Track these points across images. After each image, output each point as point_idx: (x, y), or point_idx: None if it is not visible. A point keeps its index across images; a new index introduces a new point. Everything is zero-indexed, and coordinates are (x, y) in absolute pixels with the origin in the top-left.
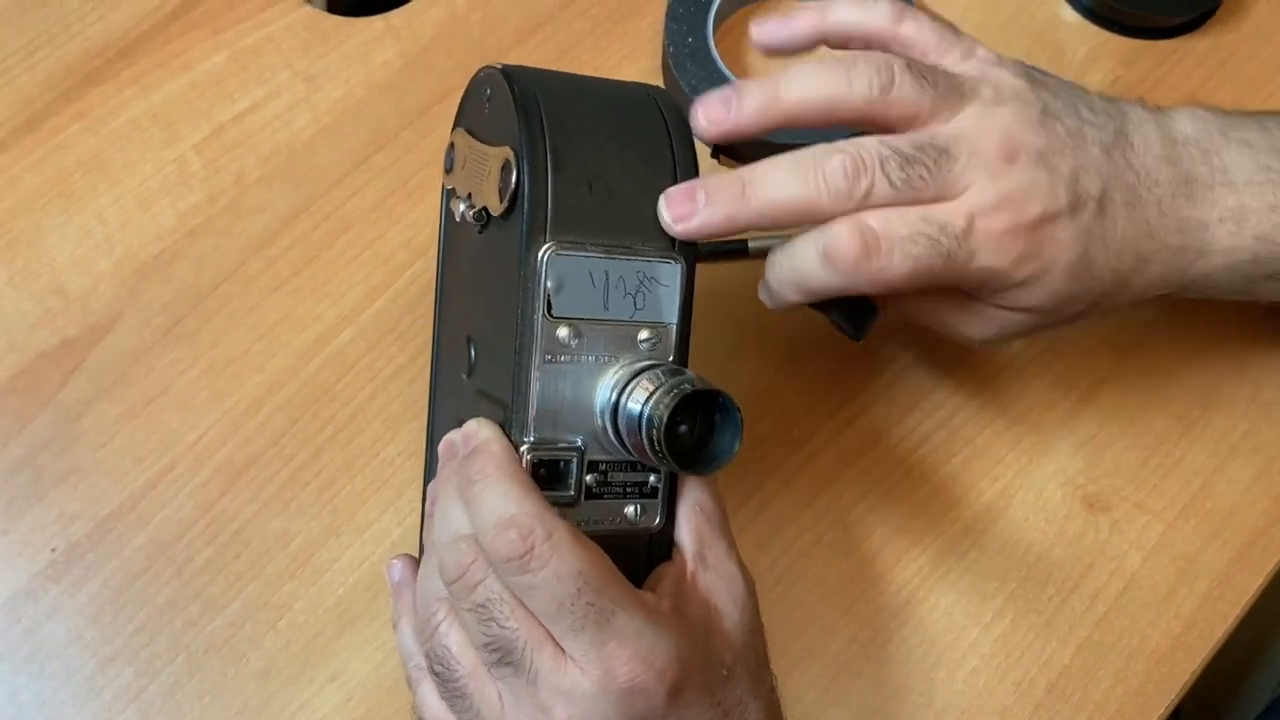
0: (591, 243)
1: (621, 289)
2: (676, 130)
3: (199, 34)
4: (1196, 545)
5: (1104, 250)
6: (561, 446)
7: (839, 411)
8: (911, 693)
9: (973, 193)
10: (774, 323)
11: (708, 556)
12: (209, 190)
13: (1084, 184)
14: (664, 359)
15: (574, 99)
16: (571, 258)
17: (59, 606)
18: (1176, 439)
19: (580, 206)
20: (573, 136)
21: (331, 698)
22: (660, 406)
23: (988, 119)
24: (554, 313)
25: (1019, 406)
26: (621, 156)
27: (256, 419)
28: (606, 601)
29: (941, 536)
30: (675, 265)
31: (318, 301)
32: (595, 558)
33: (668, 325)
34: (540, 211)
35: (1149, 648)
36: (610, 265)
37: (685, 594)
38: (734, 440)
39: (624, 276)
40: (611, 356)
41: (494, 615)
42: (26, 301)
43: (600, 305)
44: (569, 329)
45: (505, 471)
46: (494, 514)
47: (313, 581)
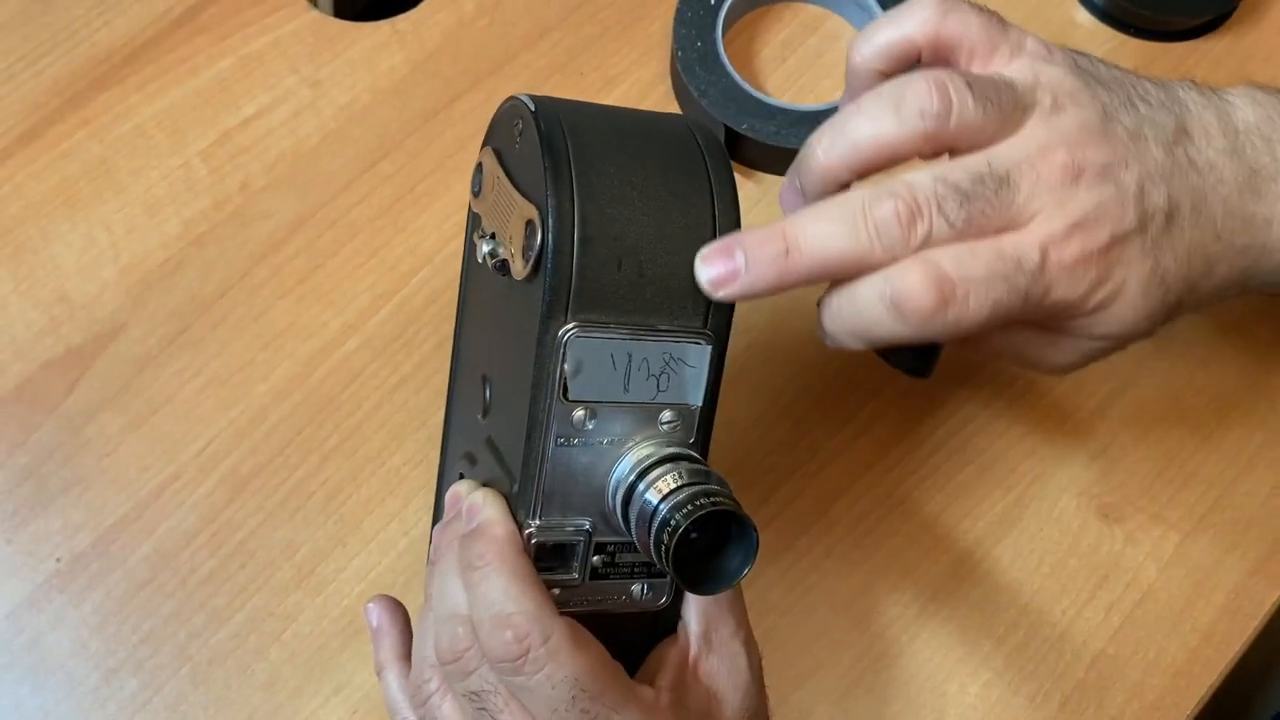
0: (616, 323)
1: (645, 370)
2: (720, 185)
3: (204, 40)
4: (1214, 557)
5: (1173, 260)
6: (568, 530)
7: (850, 421)
8: (924, 707)
9: (1040, 221)
10: (785, 332)
11: (713, 638)
12: (214, 197)
13: (1151, 196)
14: (685, 441)
15: (609, 149)
16: (592, 339)
17: (63, 617)
18: (1193, 450)
19: (607, 284)
20: (606, 204)
21: (336, 710)
22: (678, 516)
23: (1048, 133)
24: (570, 396)
25: (1033, 416)
26: (658, 226)
27: (262, 428)
28: (602, 707)
29: (955, 548)
30: (704, 347)
31: (323, 309)
32: (593, 661)
33: (692, 408)
34: (563, 289)
35: (1165, 661)
36: (634, 347)
37: (686, 682)
38: (744, 564)
39: (648, 358)
40: (628, 436)
41: (487, 706)
42: (32, 310)
43: (620, 387)
44: (585, 411)
45: (506, 562)
46: (491, 608)
47: (318, 592)
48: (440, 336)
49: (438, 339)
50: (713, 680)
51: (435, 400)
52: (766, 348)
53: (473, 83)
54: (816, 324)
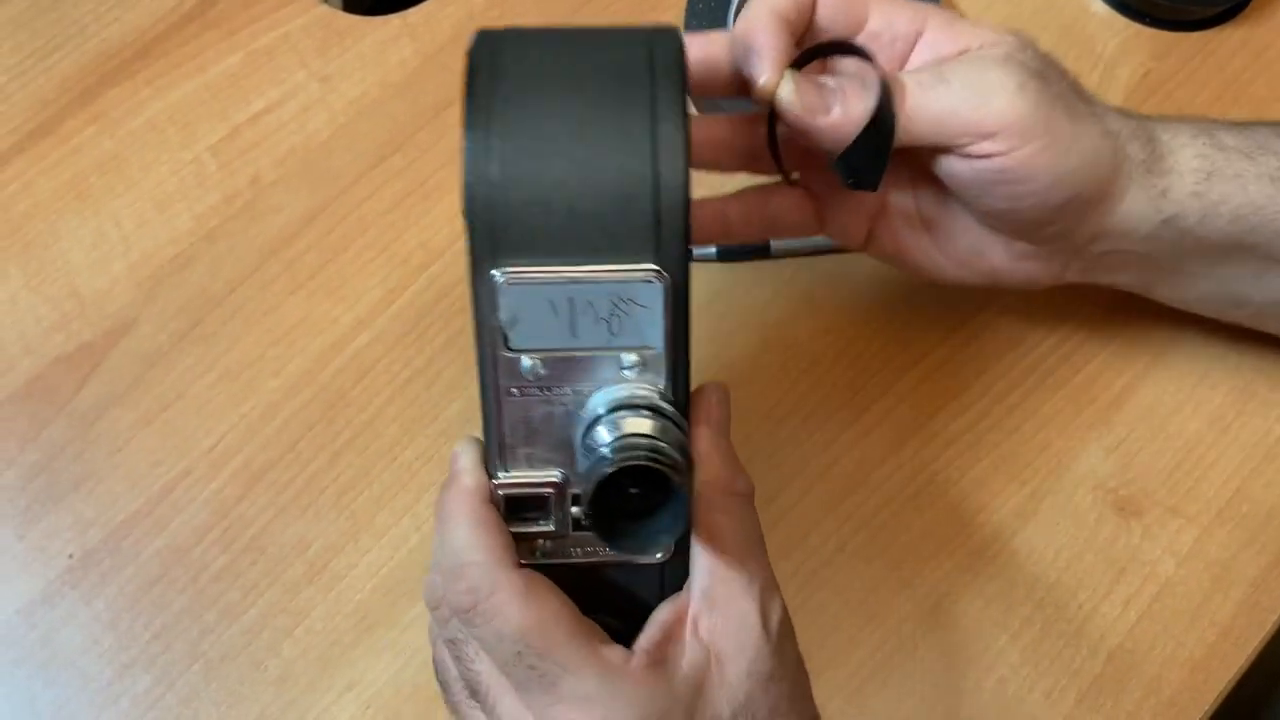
0: (550, 267)
1: (592, 314)
2: (663, 98)
3: (214, 35)
4: (1232, 551)
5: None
6: (536, 482)
7: (862, 415)
8: (938, 703)
9: None
10: (797, 326)
11: (717, 595)
12: (225, 192)
13: None
14: (654, 385)
15: (544, 80)
16: (526, 286)
17: (75, 613)
18: (1211, 442)
19: (536, 226)
20: (531, 140)
21: (349, 706)
22: (605, 464)
23: None
24: (512, 346)
25: (1047, 409)
26: (591, 159)
27: (273, 423)
28: (551, 665)
29: (968, 542)
30: (655, 285)
31: (334, 304)
32: (544, 617)
33: (654, 351)
34: (487, 234)
35: (1183, 656)
36: (575, 291)
37: (676, 642)
38: (672, 526)
39: (592, 301)
40: (593, 386)
41: (461, 655)
42: (42, 305)
43: (568, 334)
44: (534, 360)
45: (468, 511)
46: (451, 558)
47: (330, 587)
48: (452, 331)
49: (450, 333)
50: (715, 639)
51: (447, 394)
52: (779, 342)
53: None
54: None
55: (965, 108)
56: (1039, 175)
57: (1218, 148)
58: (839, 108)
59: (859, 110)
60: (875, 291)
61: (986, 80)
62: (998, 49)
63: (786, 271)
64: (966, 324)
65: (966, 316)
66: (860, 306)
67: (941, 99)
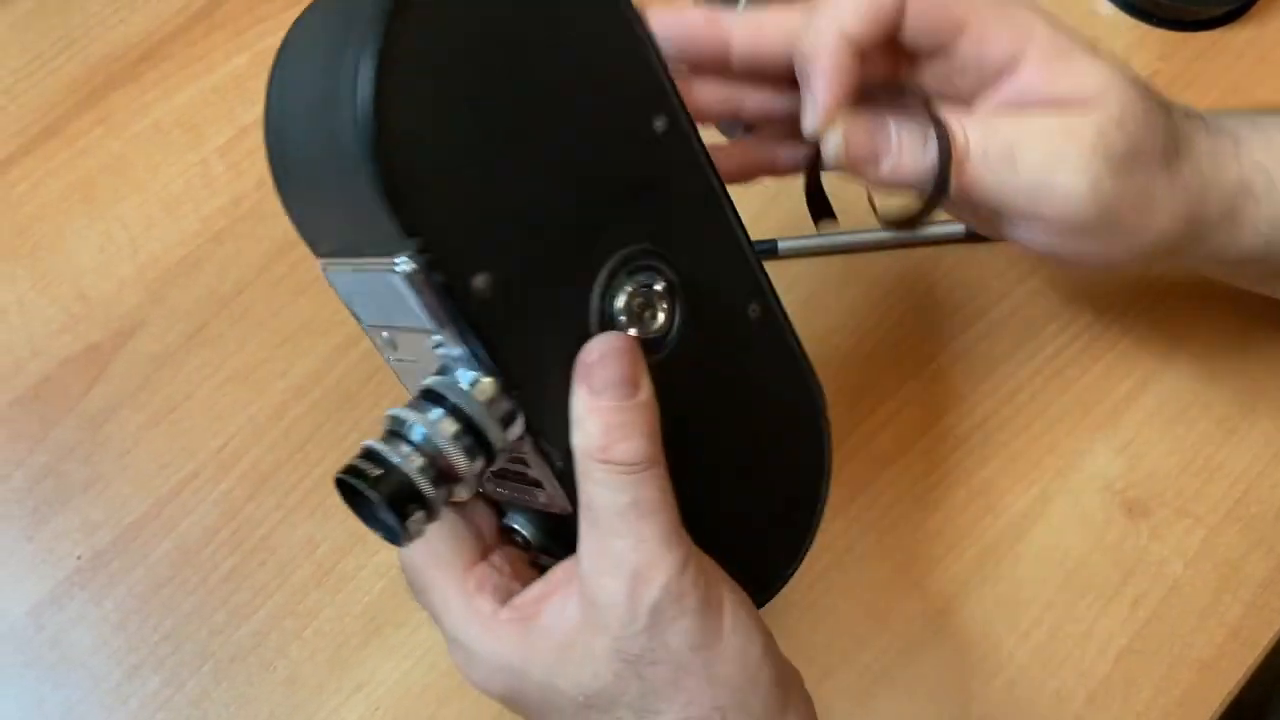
0: (335, 252)
1: (376, 302)
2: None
3: (220, 36)
4: (1240, 551)
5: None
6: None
7: (870, 417)
8: (947, 703)
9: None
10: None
11: (591, 567)
12: (232, 194)
13: None
14: (466, 365)
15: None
16: (336, 272)
17: (84, 614)
18: (1219, 443)
19: (307, 213)
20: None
21: (358, 707)
22: (349, 461)
23: None
24: (366, 322)
25: (1055, 410)
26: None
27: (281, 425)
28: (432, 600)
29: (977, 543)
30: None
31: (341, 306)
32: (433, 553)
33: (435, 332)
34: (293, 221)
35: (1192, 656)
36: (358, 277)
37: (552, 603)
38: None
39: (374, 291)
40: (423, 359)
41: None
42: (50, 307)
43: (381, 313)
44: (385, 334)
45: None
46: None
47: (339, 589)
48: None
49: None
50: (585, 610)
51: None
52: None
53: None
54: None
55: (1024, 199)
56: (1093, 261)
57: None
58: (889, 163)
59: (909, 172)
60: (883, 292)
61: (1058, 172)
62: (1089, 122)
63: (793, 272)
64: (974, 325)
65: (974, 318)
66: (868, 308)
67: (1004, 183)
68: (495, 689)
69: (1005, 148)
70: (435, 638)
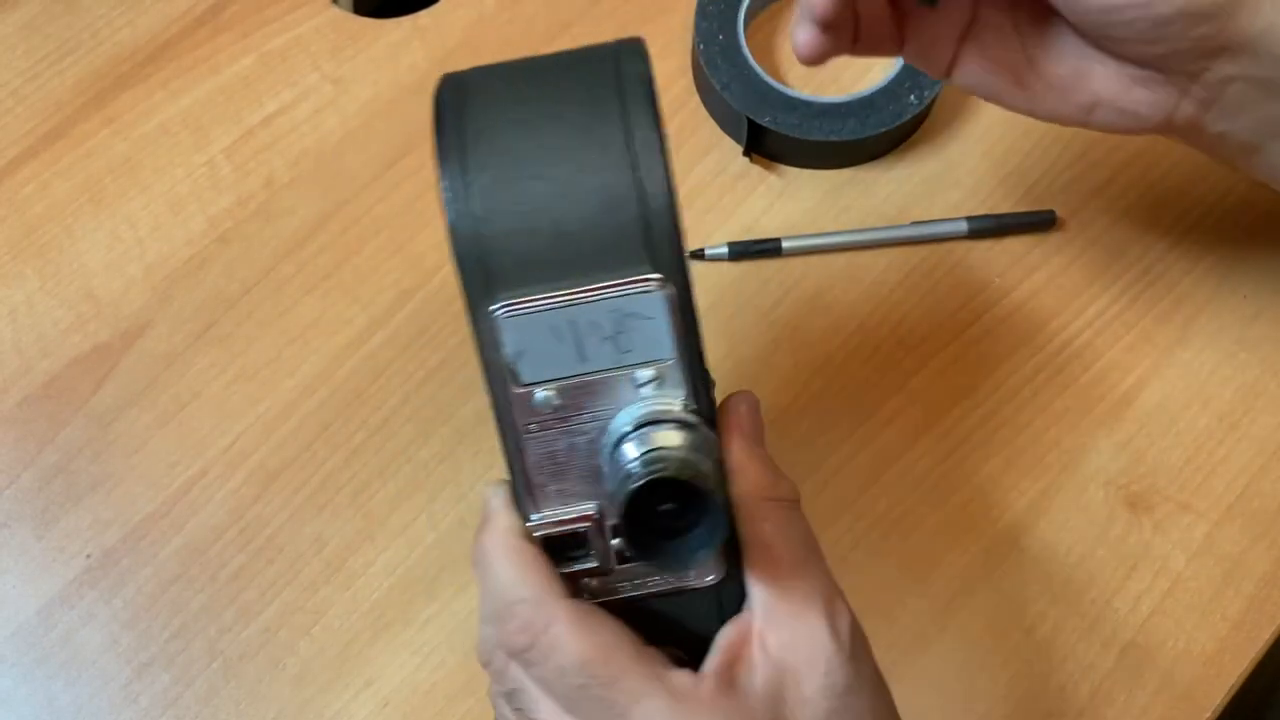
0: (546, 293)
1: (597, 335)
2: (634, 108)
3: (227, 37)
4: (1242, 546)
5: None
6: (571, 516)
7: (875, 413)
8: (953, 698)
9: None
10: (808, 325)
11: (778, 609)
12: (239, 194)
13: None
14: (675, 398)
15: (511, 110)
16: (525, 316)
17: (94, 612)
18: (1220, 438)
19: (524, 252)
20: (507, 169)
21: (367, 704)
22: (629, 483)
23: None
24: (523, 381)
25: (1058, 406)
26: (571, 177)
27: (289, 424)
28: (618, 694)
29: (981, 539)
30: (655, 294)
31: (349, 305)
32: (606, 646)
33: (666, 362)
34: (478, 269)
35: (1195, 650)
36: (574, 314)
37: (745, 661)
38: (710, 537)
39: (595, 320)
40: (612, 408)
41: (522, 705)
42: (59, 307)
43: (575, 359)
44: (548, 392)
45: (506, 550)
46: (497, 600)
47: (347, 586)
48: (466, 331)
49: (463, 334)
50: (784, 655)
51: (462, 394)
52: (790, 341)
53: None
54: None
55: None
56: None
57: None
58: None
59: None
60: (887, 290)
61: None
62: None
63: (798, 270)
64: (977, 321)
65: (977, 315)
66: (872, 305)
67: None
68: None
69: None
70: (444, 635)
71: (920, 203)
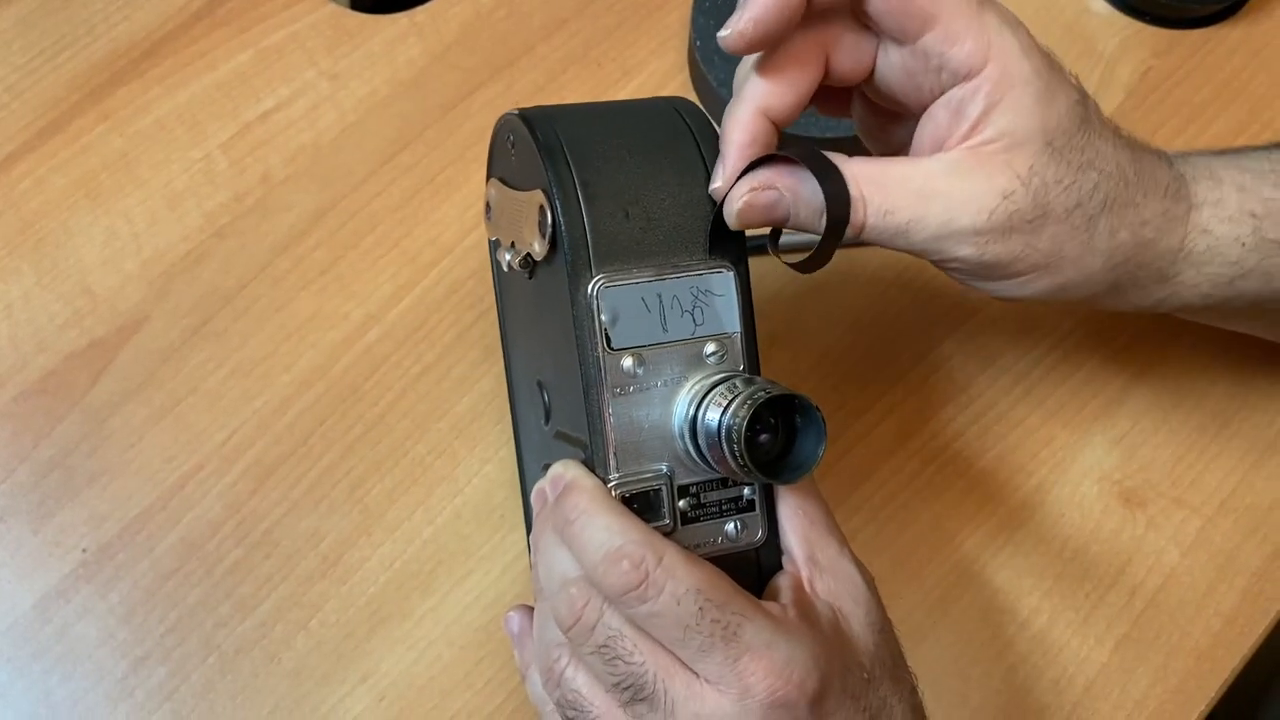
0: (639, 268)
1: (678, 308)
2: (703, 135)
3: (224, 33)
4: (1235, 541)
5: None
6: (648, 476)
7: (870, 409)
8: (948, 691)
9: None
10: (805, 320)
11: (820, 559)
12: (235, 190)
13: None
14: (734, 369)
15: (595, 128)
16: (621, 287)
17: (90, 607)
18: (1213, 434)
19: (620, 234)
20: (600, 167)
21: (363, 698)
22: (737, 417)
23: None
24: (614, 345)
25: (1052, 402)
26: (654, 176)
27: (285, 418)
28: (731, 615)
29: (976, 533)
30: (727, 274)
31: (345, 300)
32: (711, 573)
33: (731, 335)
34: (581, 248)
35: (1189, 645)
36: (662, 287)
37: (807, 600)
38: (818, 444)
39: (677, 295)
40: (681, 376)
41: (618, 653)
42: (55, 302)
43: (659, 328)
44: (633, 358)
45: (601, 504)
46: (600, 548)
47: (343, 581)
48: (462, 326)
49: (459, 329)
50: (833, 597)
51: (458, 389)
52: (787, 336)
53: (491, 74)
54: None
55: (922, 252)
56: (1008, 297)
57: (1257, 246)
58: (791, 222)
59: (809, 227)
60: (883, 286)
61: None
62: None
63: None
64: (973, 318)
65: (973, 311)
66: (868, 301)
67: (899, 243)
68: (811, 683)
69: (900, 224)
70: (440, 629)
71: None
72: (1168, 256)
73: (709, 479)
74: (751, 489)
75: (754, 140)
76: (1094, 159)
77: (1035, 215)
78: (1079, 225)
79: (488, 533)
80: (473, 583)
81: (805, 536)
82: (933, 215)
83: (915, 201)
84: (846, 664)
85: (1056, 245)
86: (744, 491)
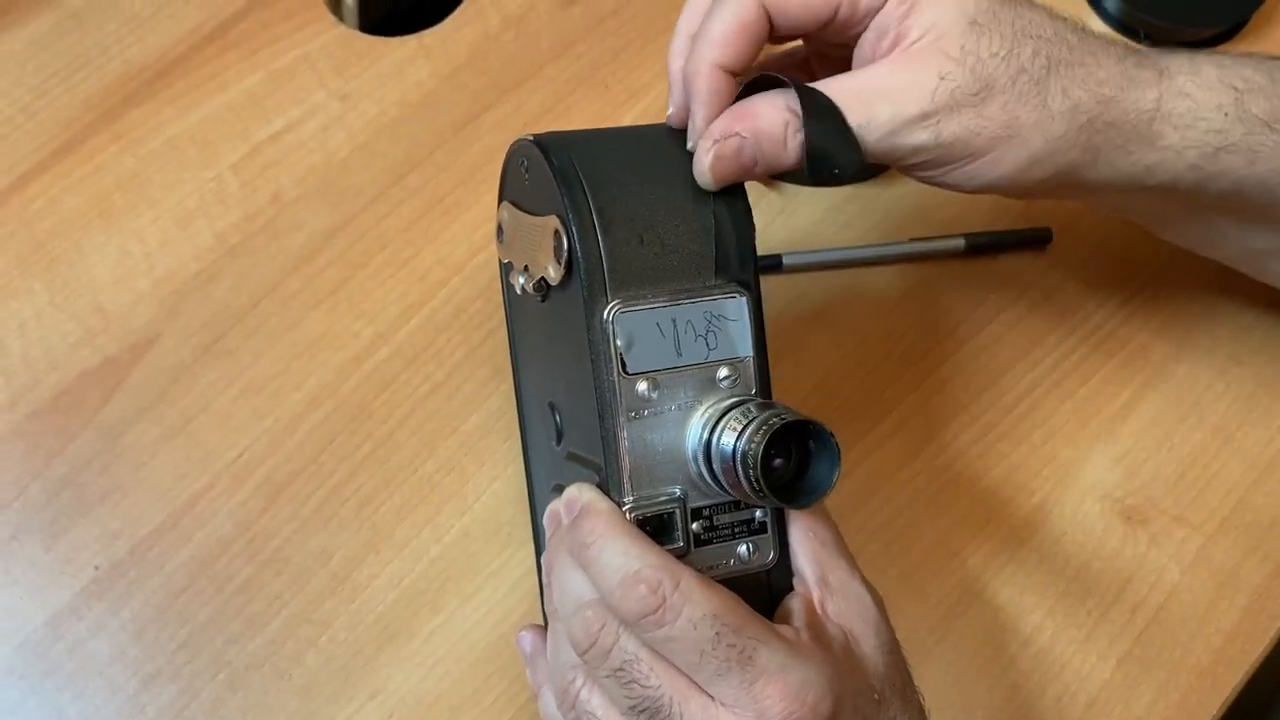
0: (653, 293)
1: (691, 333)
2: None
3: (235, 55)
4: (1236, 559)
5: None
6: (662, 499)
7: (874, 428)
8: (950, 709)
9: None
10: (809, 339)
11: (831, 581)
12: (246, 210)
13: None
14: (747, 393)
15: (609, 155)
16: (636, 312)
17: (102, 624)
18: (1214, 452)
19: (635, 260)
20: (615, 193)
21: (372, 715)
22: (753, 443)
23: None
24: (629, 370)
25: (1055, 420)
26: (667, 201)
27: (295, 437)
28: (747, 639)
29: (979, 551)
30: (740, 299)
31: (355, 319)
32: (727, 598)
33: (744, 359)
34: (597, 273)
35: (1190, 662)
36: (676, 312)
37: (819, 623)
38: (832, 469)
39: (691, 320)
40: (695, 400)
41: (634, 677)
42: (68, 321)
43: (673, 353)
44: (648, 383)
45: (617, 528)
46: (617, 572)
47: (353, 598)
48: (470, 345)
49: (468, 348)
50: (844, 619)
51: (466, 407)
52: (791, 356)
53: (499, 96)
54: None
55: (884, 157)
56: (979, 187)
57: (1240, 118)
58: (760, 168)
59: (782, 167)
60: (887, 305)
61: (901, 134)
62: (930, 72)
63: (799, 285)
64: (975, 337)
65: (975, 330)
66: (872, 320)
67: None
68: (825, 706)
69: (854, 129)
70: (448, 646)
71: (919, 220)
72: (1142, 115)
73: (721, 501)
74: (763, 512)
75: (717, 90)
76: (1027, 28)
77: (979, 88)
78: (1026, 90)
79: (496, 550)
80: (481, 599)
81: (816, 558)
82: (881, 112)
83: (863, 105)
84: (858, 686)
85: (1010, 113)
86: (756, 514)
